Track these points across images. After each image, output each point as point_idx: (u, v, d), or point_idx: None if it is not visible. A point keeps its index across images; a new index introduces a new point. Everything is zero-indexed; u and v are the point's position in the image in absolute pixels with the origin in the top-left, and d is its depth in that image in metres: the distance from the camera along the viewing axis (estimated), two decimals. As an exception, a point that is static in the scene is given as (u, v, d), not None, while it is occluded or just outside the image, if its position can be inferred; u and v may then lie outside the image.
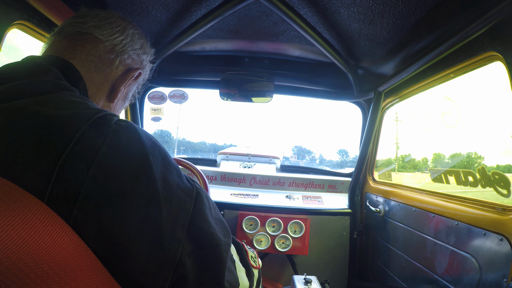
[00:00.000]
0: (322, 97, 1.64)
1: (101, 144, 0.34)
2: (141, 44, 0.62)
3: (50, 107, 0.36)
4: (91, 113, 0.37)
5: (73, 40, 0.53)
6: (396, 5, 0.80)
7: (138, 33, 0.62)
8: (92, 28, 0.54)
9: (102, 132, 0.35)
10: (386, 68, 1.23)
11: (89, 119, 0.35)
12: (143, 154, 0.37)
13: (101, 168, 0.33)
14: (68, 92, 0.42)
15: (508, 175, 0.80)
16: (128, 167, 0.35)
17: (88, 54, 0.53)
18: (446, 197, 0.98)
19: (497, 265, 0.71)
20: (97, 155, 0.33)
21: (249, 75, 1.41)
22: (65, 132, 0.33)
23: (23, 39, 0.88)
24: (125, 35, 0.58)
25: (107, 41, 0.55)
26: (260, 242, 1.43)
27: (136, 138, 0.38)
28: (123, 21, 0.59)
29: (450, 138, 1.27)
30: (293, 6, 0.90)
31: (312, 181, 1.77)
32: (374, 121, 1.38)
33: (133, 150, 0.37)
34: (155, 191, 0.36)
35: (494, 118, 1.20)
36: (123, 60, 0.58)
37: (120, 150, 0.35)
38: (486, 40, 0.77)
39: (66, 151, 0.32)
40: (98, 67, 0.54)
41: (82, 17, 0.55)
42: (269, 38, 1.19)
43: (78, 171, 0.32)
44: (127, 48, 0.58)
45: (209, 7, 0.96)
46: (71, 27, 0.54)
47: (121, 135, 0.37)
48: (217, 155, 2.06)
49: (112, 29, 0.56)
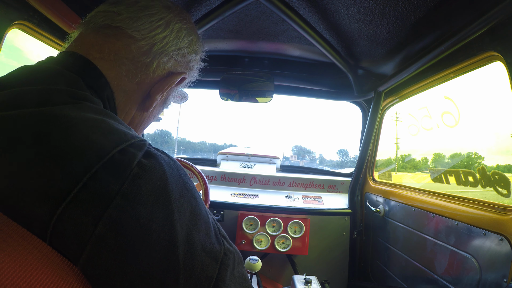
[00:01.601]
0: (322, 97, 1.64)
1: (116, 193, 0.26)
2: (189, 41, 0.50)
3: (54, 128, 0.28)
4: (109, 144, 0.29)
5: (102, 36, 0.42)
6: (396, 5, 0.80)
7: (187, 28, 0.50)
8: (126, 21, 0.43)
9: (120, 176, 0.27)
10: (386, 68, 1.23)
11: (105, 155, 0.27)
12: (168, 210, 0.29)
13: (112, 226, 0.25)
14: (87, 103, 0.33)
15: (508, 175, 0.80)
16: (146, 228, 0.27)
17: (118, 55, 0.42)
18: (446, 197, 0.98)
19: (497, 265, 0.71)
20: (108, 208, 0.26)
21: (249, 75, 1.41)
22: (69, 172, 0.26)
23: (23, 39, 0.88)
24: (168, 31, 0.46)
25: (143, 39, 0.44)
26: (260, 242, 1.43)
27: (162, 186, 0.30)
28: (168, 12, 0.47)
29: (450, 138, 1.27)
30: (293, 6, 0.91)
31: (312, 181, 1.77)
32: (374, 121, 1.38)
33: (155, 204, 0.28)
34: (174, 259, 0.29)
35: (494, 118, 1.20)
36: (162, 63, 0.47)
37: (139, 204, 0.27)
38: (486, 40, 0.77)
39: (68, 198, 0.25)
40: (130, 71, 0.44)
41: (117, 3, 0.44)
42: (269, 38, 1.19)
43: (82, 226, 0.25)
44: (169, 48, 0.47)
45: (209, 7, 0.96)
46: (102, 17, 0.43)
47: (143, 182, 0.28)
48: (217, 155, 2.06)
49: (151, 23, 0.44)
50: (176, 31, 0.47)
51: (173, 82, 0.49)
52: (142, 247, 0.27)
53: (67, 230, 0.24)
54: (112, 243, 0.25)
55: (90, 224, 0.25)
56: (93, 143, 0.28)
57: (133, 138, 0.32)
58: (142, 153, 0.30)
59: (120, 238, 0.26)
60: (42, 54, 1.02)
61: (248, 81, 1.41)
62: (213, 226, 0.36)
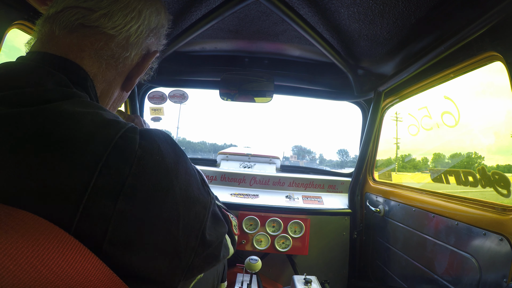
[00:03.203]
0: (322, 97, 1.64)
1: (127, 175, 0.31)
2: (158, 19, 0.52)
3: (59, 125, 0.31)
4: (110, 133, 0.33)
5: (78, 36, 0.43)
6: (396, 5, 0.80)
7: (156, 9, 0.51)
8: (101, 20, 0.43)
9: (128, 159, 0.32)
10: (386, 68, 1.23)
11: (109, 143, 0.32)
12: (168, 178, 0.36)
13: (128, 201, 0.31)
14: (78, 99, 0.37)
15: (508, 175, 0.80)
16: (154, 196, 0.34)
17: (99, 54, 0.44)
18: (446, 197, 0.98)
19: (497, 265, 0.71)
20: (123, 187, 0.31)
21: (249, 75, 1.41)
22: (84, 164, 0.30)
23: (23, 39, 0.88)
24: (141, 19, 0.47)
25: (119, 34, 0.45)
26: (260, 242, 1.43)
27: (160, 159, 0.35)
28: (138, 0, 0.47)
29: (450, 138, 1.27)
30: (293, 6, 0.90)
31: (312, 181, 1.77)
32: (374, 121, 1.38)
33: (158, 176, 0.34)
34: (176, 213, 0.36)
35: (494, 118, 1.20)
36: (139, 51, 0.50)
37: (146, 179, 0.33)
38: (486, 40, 0.77)
39: (89, 187, 0.29)
40: (110, 65, 0.46)
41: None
42: (269, 38, 1.19)
43: (104, 208, 0.30)
44: (143, 34, 0.49)
45: (209, 7, 0.96)
46: (74, 15, 0.43)
47: (147, 161, 0.34)
48: (217, 155, 2.06)
49: (125, 16, 0.45)
50: (148, 16, 0.49)
51: (149, 62, 0.53)
52: (153, 209, 0.33)
53: (92, 213, 0.29)
54: (129, 214, 0.31)
55: (110, 204, 0.30)
56: (96, 134, 0.32)
57: (126, 124, 0.36)
58: (139, 136, 0.35)
59: (135, 209, 0.32)
60: (42, 54, 1.03)
61: (248, 81, 1.41)
62: (200, 179, 0.43)
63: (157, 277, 0.35)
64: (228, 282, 1.19)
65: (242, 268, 1.18)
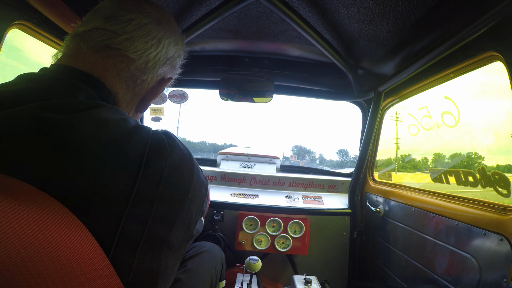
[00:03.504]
0: (322, 97, 1.64)
1: (164, 166, 0.40)
2: (175, 49, 0.57)
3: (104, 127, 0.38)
4: (145, 134, 0.41)
5: (103, 56, 0.47)
6: (396, 5, 0.80)
7: (175, 39, 0.56)
8: (124, 43, 0.48)
9: (163, 154, 0.41)
10: (386, 68, 1.23)
11: (147, 142, 0.40)
12: (188, 167, 0.45)
13: (165, 185, 0.40)
14: (108, 106, 0.43)
15: (508, 175, 0.80)
16: (182, 181, 0.43)
17: (120, 75, 0.49)
18: (446, 197, 0.98)
19: (497, 265, 0.71)
20: (162, 176, 0.40)
21: (249, 75, 1.41)
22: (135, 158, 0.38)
23: (23, 39, 0.88)
24: (160, 47, 0.52)
25: (139, 59, 0.50)
26: (260, 242, 1.43)
27: (181, 153, 0.44)
28: (159, 29, 0.52)
29: (450, 138, 1.27)
30: (293, 6, 0.91)
31: (312, 181, 1.77)
32: (374, 121, 1.38)
33: (181, 167, 0.43)
34: (194, 194, 0.45)
35: (494, 118, 1.20)
36: (155, 76, 0.54)
37: (175, 169, 0.42)
38: (486, 40, 0.77)
39: (140, 175, 0.37)
40: (129, 86, 0.51)
41: (113, 21, 0.48)
42: (269, 38, 1.19)
43: (150, 191, 0.38)
44: (160, 61, 0.54)
45: (209, 7, 0.96)
46: (100, 36, 0.47)
47: (174, 154, 0.42)
48: (217, 155, 2.06)
49: (146, 43, 0.50)
50: (166, 45, 0.54)
51: (163, 88, 0.58)
52: (180, 193, 0.43)
53: (141, 194, 0.37)
54: (166, 195, 0.40)
55: (154, 188, 0.38)
56: (136, 135, 0.40)
57: (149, 127, 0.45)
58: (166, 138, 0.43)
59: (171, 192, 0.41)
60: (42, 54, 1.02)
61: (248, 81, 1.41)
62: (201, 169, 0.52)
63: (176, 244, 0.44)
64: (228, 282, 1.19)
65: (242, 268, 1.18)
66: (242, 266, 1.16)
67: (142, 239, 0.37)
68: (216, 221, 1.44)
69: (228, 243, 1.44)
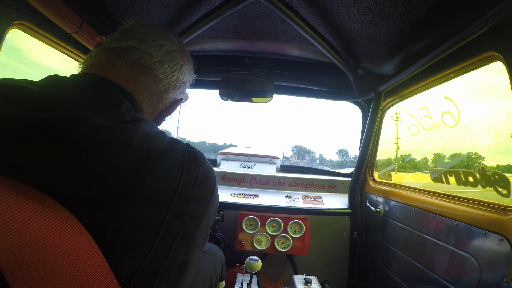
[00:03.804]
0: (322, 97, 1.64)
1: (198, 173, 0.47)
2: (188, 76, 0.66)
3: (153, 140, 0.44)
4: (181, 145, 0.48)
5: (136, 73, 0.54)
6: (396, 5, 0.80)
7: (190, 67, 0.66)
8: (156, 64, 0.56)
9: (197, 163, 0.48)
10: (386, 68, 1.23)
11: (184, 152, 0.47)
12: (212, 173, 0.52)
13: (199, 189, 0.47)
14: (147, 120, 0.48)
15: (508, 175, 0.80)
16: (209, 185, 0.49)
17: (148, 91, 0.56)
18: (446, 197, 0.98)
19: (497, 265, 0.71)
20: (197, 181, 0.46)
21: (249, 75, 1.41)
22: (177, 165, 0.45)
23: (23, 39, 0.88)
24: (181, 72, 0.61)
25: (165, 79, 0.58)
26: (260, 242, 1.43)
27: (209, 165, 0.51)
28: (182, 57, 0.61)
29: (450, 138, 1.27)
30: (293, 6, 0.90)
31: (312, 181, 1.77)
32: (374, 121, 1.38)
33: (209, 176, 0.50)
34: (215, 200, 0.53)
35: (494, 118, 1.20)
36: (174, 95, 0.62)
37: (205, 177, 0.48)
38: (486, 40, 0.77)
39: (182, 178, 0.44)
40: (153, 102, 0.58)
41: (147, 44, 0.55)
42: (269, 38, 1.19)
43: (188, 193, 0.45)
44: (179, 84, 0.62)
45: (209, 7, 0.96)
46: (135, 55, 0.54)
47: (204, 165, 0.49)
48: (217, 155, 2.06)
49: (173, 67, 0.58)
50: (185, 71, 0.63)
51: (177, 106, 0.66)
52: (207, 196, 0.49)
53: (182, 195, 0.44)
54: (200, 197, 0.47)
55: (191, 191, 0.45)
56: (176, 147, 0.46)
57: (180, 140, 0.51)
58: (194, 149, 0.50)
59: (202, 194, 0.47)
60: (42, 54, 1.02)
61: (248, 81, 1.41)
62: None
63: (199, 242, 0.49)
64: (228, 282, 1.19)
65: (242, 268, 1.18)
66: (242, 266, 1.16)
67: (179, 233, 0.43)
68: (216, 221, 1.44)
69: (228, 243, 1.44)
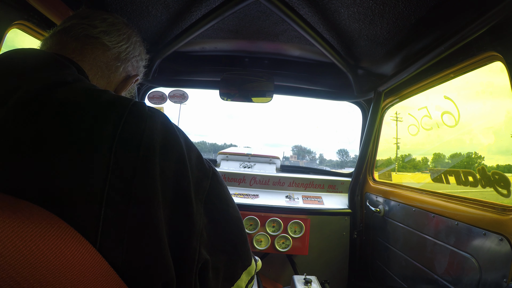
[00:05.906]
0: (322, 97, 1.64)
1: (144, 128, 0.39)
2: (139, 51, 0.65)
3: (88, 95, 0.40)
4: (126, 101, 0.41)
5: (82, 43, 0.53)
6: (396, 5, 0.80)
7: (139, 41, 0.65)
8: (101, 34, 0.55)
9: (142, 117, 0.40)
10: (386, 68, 1.23)
11: (127, 106, 0.40)
12: (175, 133, 0.43)
13: (146, 147, 0.38)
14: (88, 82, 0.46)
15: (508, 175, 0.80)
16: (166, 145, 0.41)
17: (96, 60, 0.54)
18: (446, 197, 0.98)
19: (497, 265, 0.71)
20: (143, 138, 0.38)
21: (249, 75, 1.41)
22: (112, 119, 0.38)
23: (23, 39, 0.88)
24: (129, 42, 0.61)
25: (113, 48, 0.57)
26: (260, 242, 1.43)
27: (166, 121, 0.43)
28: (128, 29, 0.62)
29: (450, 138, 1.27)
30: (293, 6, 0.90)
31: (312, 181, 1.77)
32: (374, 121, 1.38)
33: (168, 129, 0.42)
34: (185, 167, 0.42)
35: (494, 118, 1.20)
36: (125, 67, 0.61)
37: (157, 132, 0.40)
38: (486, 40, 0.77)
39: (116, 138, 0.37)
40: (104, 73, 0.56)
41: (90, 19, 0.56)
42: (269, 38, 1.19)
43: (129, 155, 0.37)
44: (130, 55, 0.61)
45: (209, 7, 0.96)
46: (80, 28, 0.54)
47: (156, 119, 0.42)
48: (217, 155, 2.06)
49: (119, 36, 0.58)
50: (134, 42, 0.62)
51: (131, 82, 0.64)
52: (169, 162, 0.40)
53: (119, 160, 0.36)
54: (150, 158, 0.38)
55: (134, 151, 0.37)
56: (117, 101, 0.40)
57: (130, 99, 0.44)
58: (146, 104, 0.44)
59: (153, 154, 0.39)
60: (42, 54, 1.02)
61: (248, 81, 1.41)
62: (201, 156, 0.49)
63: None
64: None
65: None
66: None
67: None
68: None
69: (228, 243, 1.44)
